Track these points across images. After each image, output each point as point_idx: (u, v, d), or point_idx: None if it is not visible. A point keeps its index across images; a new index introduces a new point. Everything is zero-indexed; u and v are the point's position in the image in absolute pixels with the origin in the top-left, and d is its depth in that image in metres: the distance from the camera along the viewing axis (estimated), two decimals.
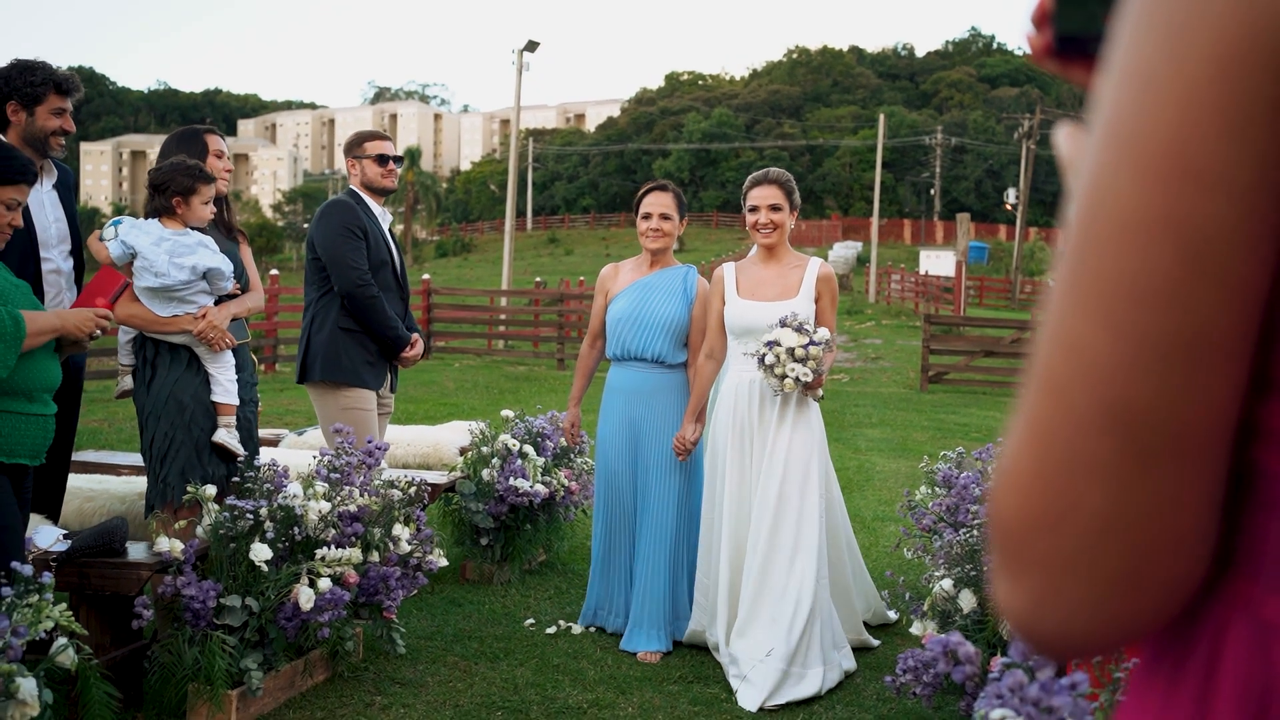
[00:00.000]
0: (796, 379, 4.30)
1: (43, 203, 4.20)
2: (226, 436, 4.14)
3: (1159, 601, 0.55)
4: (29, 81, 4.12)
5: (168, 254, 4.04)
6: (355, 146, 5.27)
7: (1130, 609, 0.55)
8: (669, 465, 4.93)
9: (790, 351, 4.31)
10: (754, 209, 4.70)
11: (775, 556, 4.40)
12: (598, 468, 5.13)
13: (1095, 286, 0.53)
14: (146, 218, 4.19)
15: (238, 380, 4.27)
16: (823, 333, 4.39)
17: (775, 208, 4.67)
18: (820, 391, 4.53)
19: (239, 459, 4.20)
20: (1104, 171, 0.53)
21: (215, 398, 4.15)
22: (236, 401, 4.21)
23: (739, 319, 4.65)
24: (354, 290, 4.97)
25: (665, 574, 4.88)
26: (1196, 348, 0.51)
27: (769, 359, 4.32)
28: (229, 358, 4.22)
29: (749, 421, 4.59)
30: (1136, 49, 0.52)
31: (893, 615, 5.25)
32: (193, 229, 4.18)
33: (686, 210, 5.17)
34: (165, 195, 4.13)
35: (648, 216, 5.03)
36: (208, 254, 4.13)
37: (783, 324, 4.38)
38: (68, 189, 4.38)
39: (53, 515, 4.28)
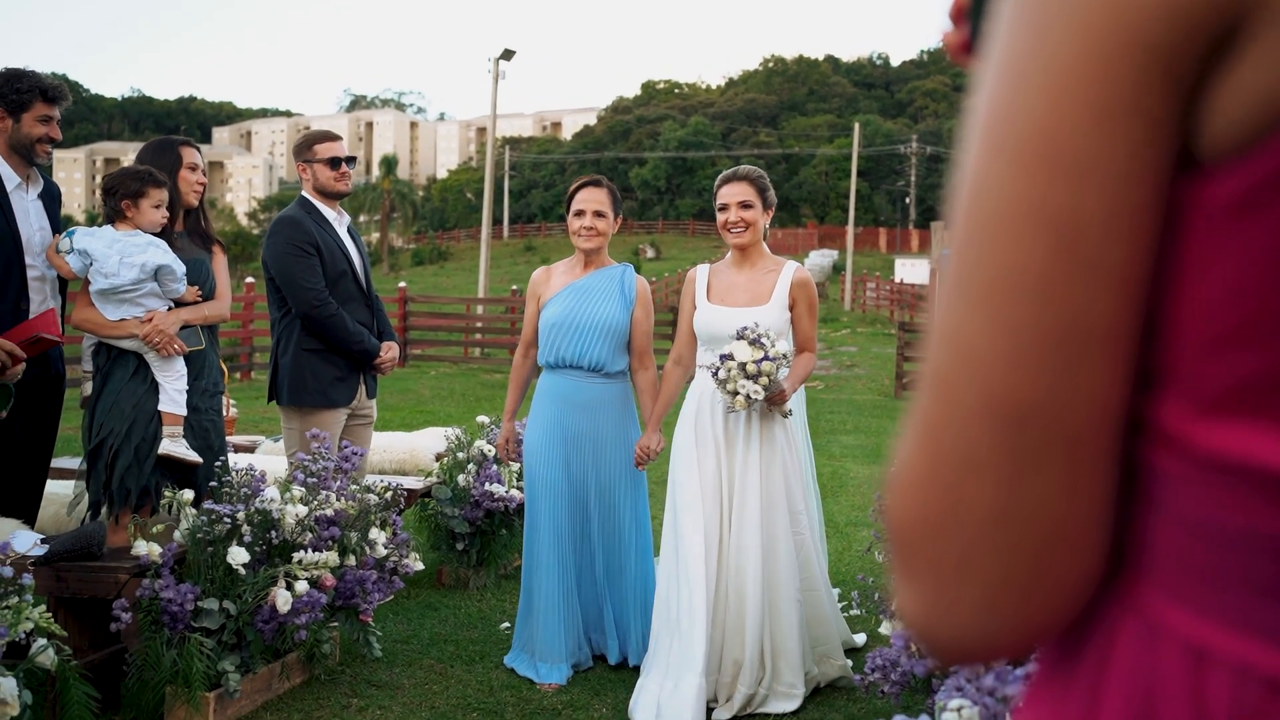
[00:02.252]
0: (748, 397, 4.03)
1: (28, 211, 4.22)
2: (171, 446, 4.06)
3: (1053, 603, 0.54)
4: (15, 89, 4.15)
5: (119, 255, 4.04)
6: (305, 150, 5.04)
7: (1024, 610, 0.54)
8: (616, 479, 4.63)
9: (742, 367, 4.04)
10: (724, 207, 4.44)
11: (745, 586, 4.16)
12: (525, 483, 4.75)
13: (974, 279, 0.52)
14: (102, 225, 4.21)
15: (197, 387, 4.25)
16: (781, 346, 4.11)
17: (746, 205, 4.39)
18: (787, 407, 4.27)
19: (194, 466, 4.16)
20: (980, 163, 0.52)
21: (161, 406, 4.08)
22: (183, 412, 4.12)
23: (706, 325, 4.39)
24: (310, 311, 4.79)
25: (611, 602, 4.66)
26: (1074, 341, 0.50)
27: (721, 373, 4.06)
28: (178, 367, 4.15)
29: (711, 433, 4.29)
30: (1009, 39, 0.52)
31: (859, 640, 5.03)
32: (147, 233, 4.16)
33: (621, 207, 4.88)
34: (115, 199, 4.12)
35: (580, 214, 4.70)
36: (158, 253, 4.10)
37: (739, 336, 4.10)
38: (53, 199, 4.40)
39: (29, 520, 4.30)
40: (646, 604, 4.59)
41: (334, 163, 5.00)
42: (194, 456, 4.12)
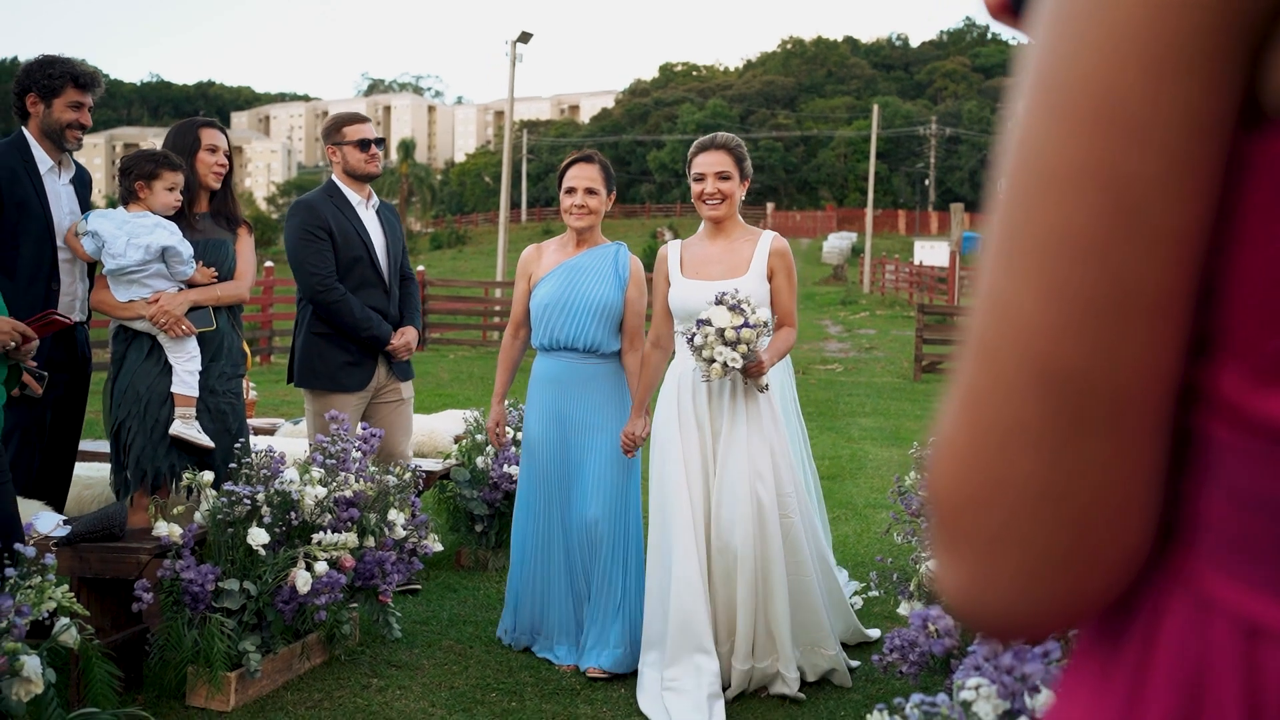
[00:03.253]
0: (725, 364, 3.84)
1: (59, 195, 4.31)
2: (183, 429, 4.09)
3: (1099, 577, 0.53)
4: (47, 74, 4.24)
5: (126, 236, 4.07)
6: (334, 133, 5.07)
7: (1070, 585, 0.53)
8: (608, 462, 4.47)
9: (720, 333, 3.85)
10: (700, 177, 4.23)
11: (738, 568, 4.01)
12: (523, 470, 4.67)
13: (1022, 243, 0.50)
14: (116, 206, 4.26)
15: (215, 369, 4.27)
16: (762, 313, 3.94)
17: (724, 176, 4.20)
18: (764, 381, 4.09)
19: (207, 450, 4.19)
20: (1031, 121, 0.50)
21: (174, 388, 4.11)
22: (195, 393, 4.15)
23: (682, 300, 4.19)
24: (315, 296, 4.85)
25: (615, 585, 4.47)
26: (1126, 306, 0.48)
27: (698, 340, 3.88)
28: (190, 349, 4.17)
29: (694, 414, 4.14)
30: None
31: (873, 634, 4.83)
32: (161, 215, 4.19)
33: (615, 184, 4.74)
34: (129, 179, 4.16)
35: (572, 191, 4.56)
36: (164, 234, 4.12)
37: (718, 301, 3.92)
38: (84, 185, 4.50)
39: (58, 503, 4.38)
40: (641, 586, 4.46)
41: (363, 144, 5.01)
42: (204, 440, 4.14)
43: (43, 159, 4.29)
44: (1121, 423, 0.50)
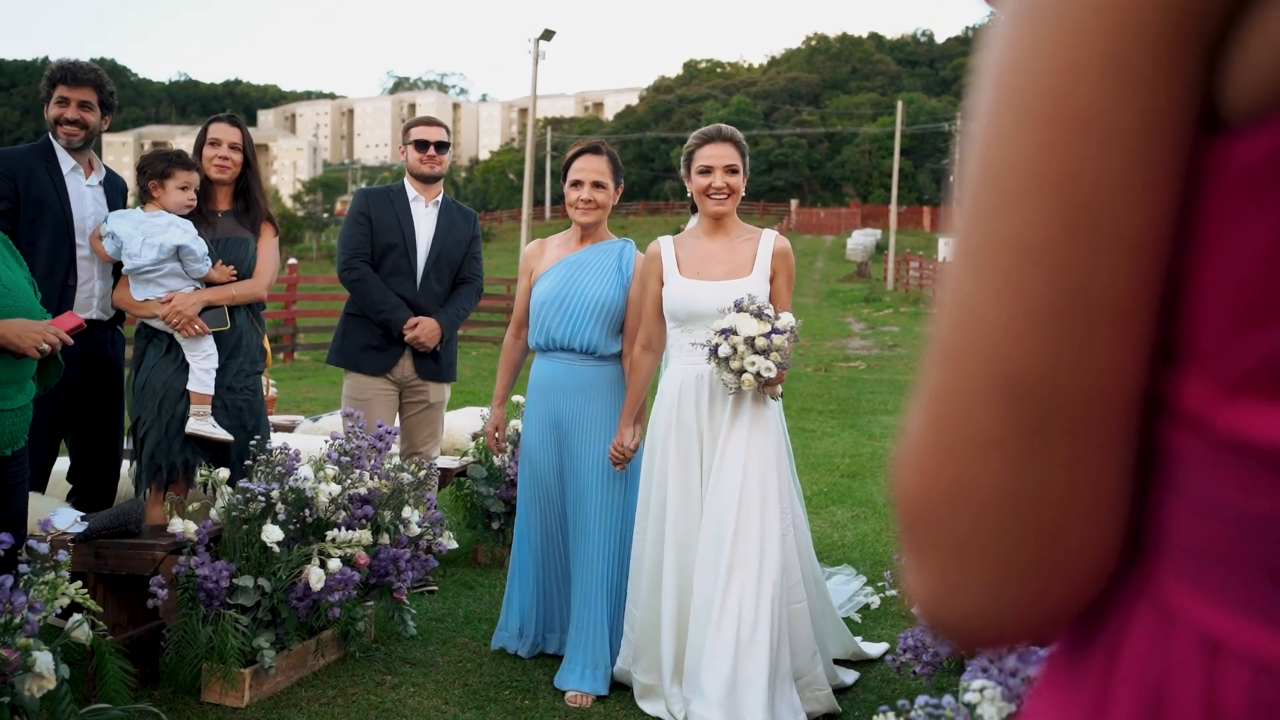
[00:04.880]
0: (758, 374, 3.62)
1: (83, 195, 4.39)
2: (198, 425, 4.13)
3: (1064, 587, 0.52)
4: (44, 78, 4.43)
5: (142, 236, 4.11)
6: (406, 133, 5.33)
7: (1033, 594, 0.52)
8: (605, 474, 4.24)
9: (750, 342, 3.62)
10: (706, 170, 3.96)
11: (730, 586, 3.66)
12: (522, 478, 4.48)
13: (983, 246, 0.50)
14: (134, 206, 4.32)
15: (232, 366, 4.30)
16: (786, 318, 3.71)
17: (732, 169, 3.96)
18: (780, 389, 3.87)
19: (223, 444, 4.24)
20: (990, 123, 0.50)
21: (189, 386, 4.16)
22: (210, 391, 4.19)
23: (682, 302, 3.92)
24: (340, 275, 5.20)
25: (604, 601, 4.23)
26: (1088, 312, 0.48)
27: (723, 350, 3.63)
28: (206, 347, 4.21)
29: (695, 424, 3.88)
30: None
31: (873, 651, 4.52)
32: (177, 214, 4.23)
33: (623, 176, 4.50)
34: (144, 179, 4.23)
35: (578, 184, 4.32)
36: (178, 233, 4.15)
37: (739, 308, 3.68)
38: (116, 189, 4.57)
39: (106, 500, 4.49)
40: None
41: (420, 145, 5.26)
42: (222, 434, 4.18)
43: (65, 159, 4.38)
44: (1085, 430, 0.49)
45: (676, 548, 3.87)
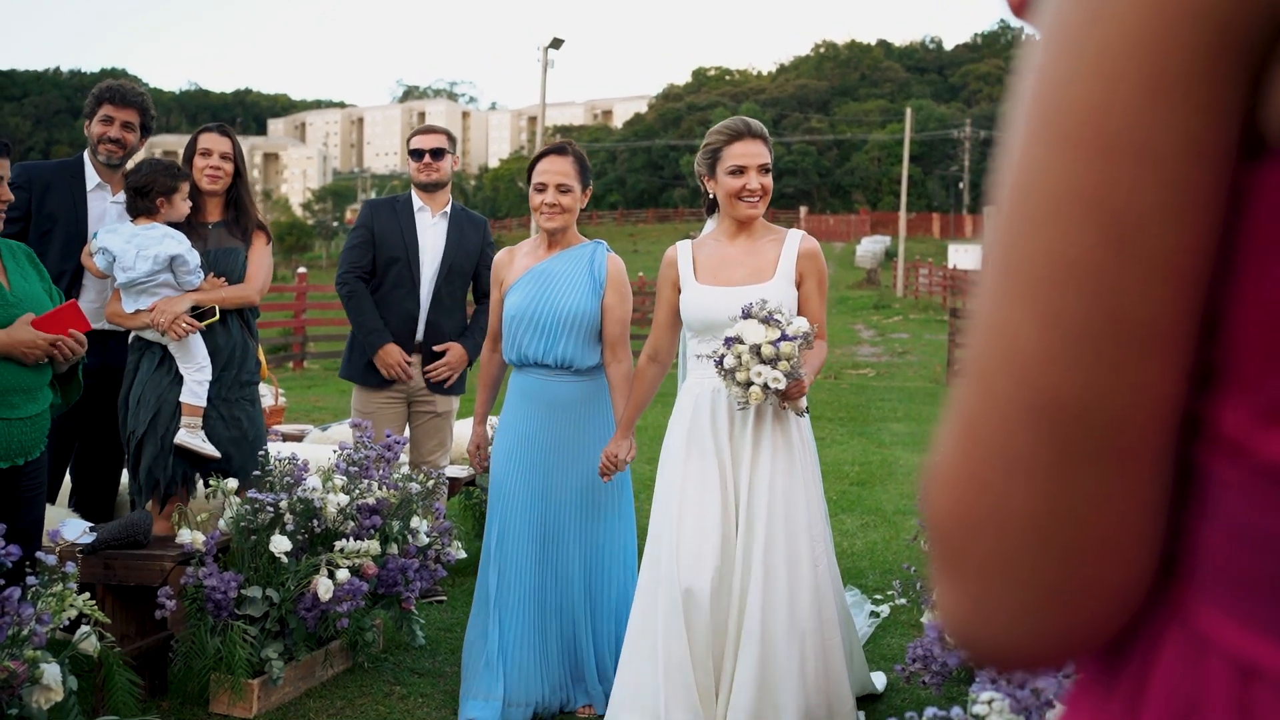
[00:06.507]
0: (765, 385, 3.28)
1: (105, 211, 4.47)
2: (187, 438, 4.07)
3: (1096, 611, 0.52)
4: (90, 95, 4.53)
5: (136, 248, 4.10)
6: (407, 142, 5.33)
7: (1065, 618, 0.52)
8: (584, 501, 4.00)
9: (755, 350, 3.29)
10: (739, 170, 3.61)
11: (757, 623, 3.38)
12: (491, 493, 4.13)
13: (1018, 269, 0.49)
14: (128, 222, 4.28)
15: (228, 378, 4.24)
16: (799, 323, 3.35)
17: (765, 169, 3.64)
18: (803, 403, 3.53)
19: (210, 459, 4.16)
20: (1027, 144, 0.49)
21: (182, 398, 4.12)
22: (202, 404, 4.13)
23: (700, 309, 3.62)
24: (337, 289, 5.25)
25: (585, 630, 4.02)
26: (1125, 334, 0.47)
27: (729, 361, 3.32)
28: (200, 359, 4.15)
29: (713, 445, 3.54)
30: (1060, 15, 0.49)
31: (879, 685, 4.19)
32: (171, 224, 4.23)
33: (591, 178, 4.18)
34: (150, 198, 4.14)
35: (542, 188, 4.01)
36: (172, 243, 4.13)
37: (745, 315, 3.36)
38: None
39: (106, 507, 4.52)
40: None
41: (416, 154, 5.25)
42: (209, 449, 4.11)
43: (91, 176, 4.46)
44: (1118, 454, 0.49)
45: (692, 561, 3.48)
